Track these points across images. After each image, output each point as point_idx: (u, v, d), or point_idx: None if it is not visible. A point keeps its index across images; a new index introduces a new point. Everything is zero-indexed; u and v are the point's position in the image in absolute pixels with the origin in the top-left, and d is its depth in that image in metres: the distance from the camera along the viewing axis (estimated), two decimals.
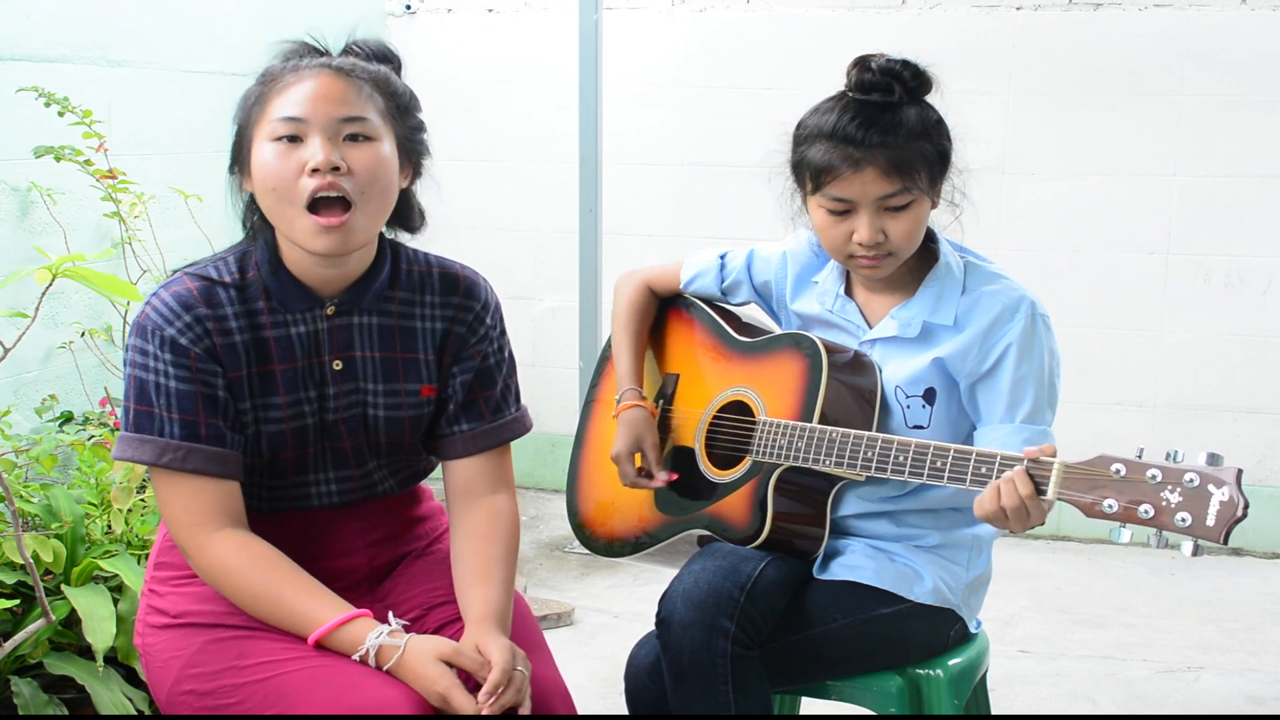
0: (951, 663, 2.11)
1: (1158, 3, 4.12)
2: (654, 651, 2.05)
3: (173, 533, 1.80)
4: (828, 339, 2.12)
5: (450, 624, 1.88)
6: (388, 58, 1.87)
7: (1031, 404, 2.01)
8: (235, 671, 1.74)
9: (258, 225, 1.83)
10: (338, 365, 1.85)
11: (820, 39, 4.34)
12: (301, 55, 1.83)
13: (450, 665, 1.70)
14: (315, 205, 1.73)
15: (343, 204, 1.73)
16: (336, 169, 1.72)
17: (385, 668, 1.70)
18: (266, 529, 1.82)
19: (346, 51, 1.85)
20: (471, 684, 1.71)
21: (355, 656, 1.71)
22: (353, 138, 1.75)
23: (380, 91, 1.79)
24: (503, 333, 1.98)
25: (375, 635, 1.71)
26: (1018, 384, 2.01)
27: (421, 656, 1.69)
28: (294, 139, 1.73)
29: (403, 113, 1.83)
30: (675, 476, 2.21)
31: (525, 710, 1.72)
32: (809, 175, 2.04)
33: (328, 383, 1.84)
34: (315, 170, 1.71)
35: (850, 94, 2.04)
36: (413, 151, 1.86)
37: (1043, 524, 1.85)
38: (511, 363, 2.00)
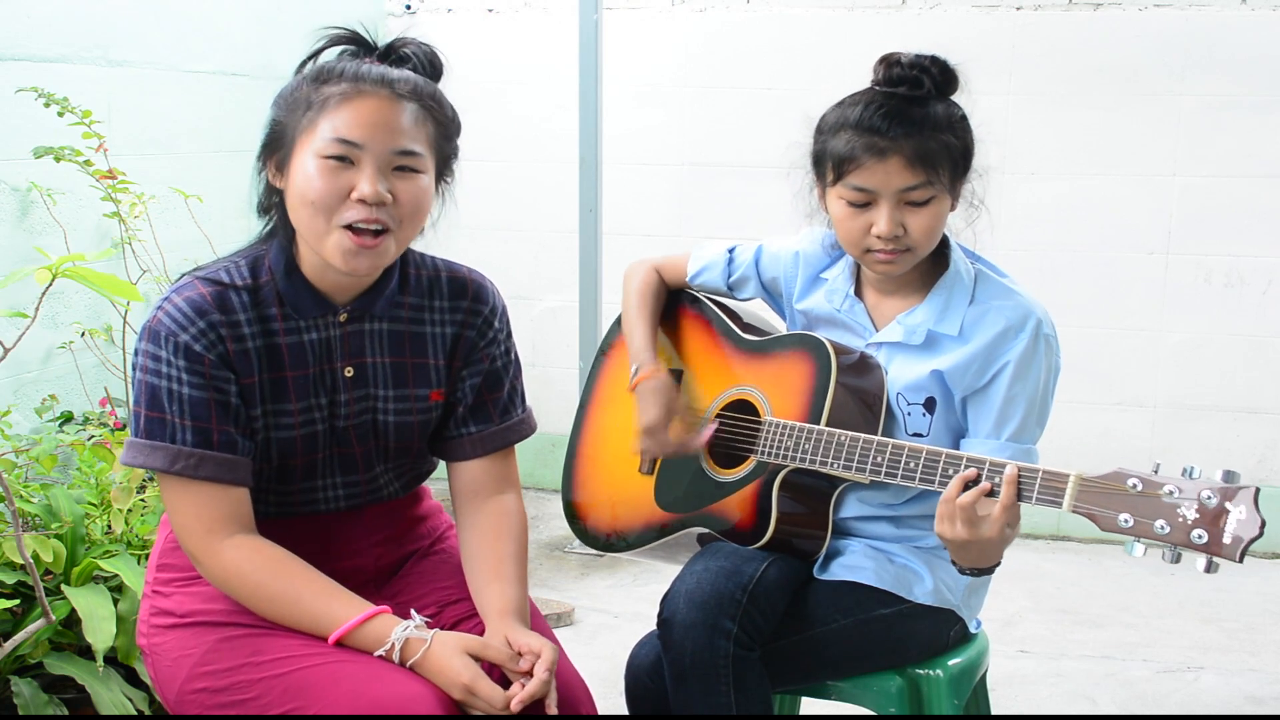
0: (951, 663, 2.11)
1: (1158, 3, 4.12)
2: (654, 651, 2.05)
3: (181, 539, 1.79)
4: (835, 339, 2.11)
5: (465, 620, 1.88)
6: (436, 69, 1.85)
7: (1019, 422, 2.01)
8: (251, 668, 1.74)
9: (276, 225, 1.82)
10: (349, 371, 1.84)
11: (820, 39, 4.34)
12: (351, 47, 1.81)
13: (476, 659, 1.70)
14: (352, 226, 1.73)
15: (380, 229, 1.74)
16: (383, 203, 1.72)
17: (409, 662, 1.70)
18: (273, 532, 1.82)
19: (399, 58, 1.82)
20: (494, 676, 1.71)
21: (379, 652, 1.71)
22: (401, 168, 1.74)
23: (432, 118, 1.78)
24: (509, 335, 1.98)
25: (402, 629, 1.71)
26: (1009, 402, 2.01)
27: (447, 650, 1.70)
28: (343, 159, 1.72)
29: (446, 139, 1.82)
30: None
31: (553, 702, 1.72)
32: (831, 165, 2.02)
33: (339, 389, 1.84)
34: (362, 200, 1.71)
35: (877, 88, 2.03)
36: (445, 175, 1.86)
37: (1010, 532, 1.82)
38: (517, 365, 2.00)
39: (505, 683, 1.73)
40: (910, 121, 1.97)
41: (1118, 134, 4.19)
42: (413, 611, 1.77)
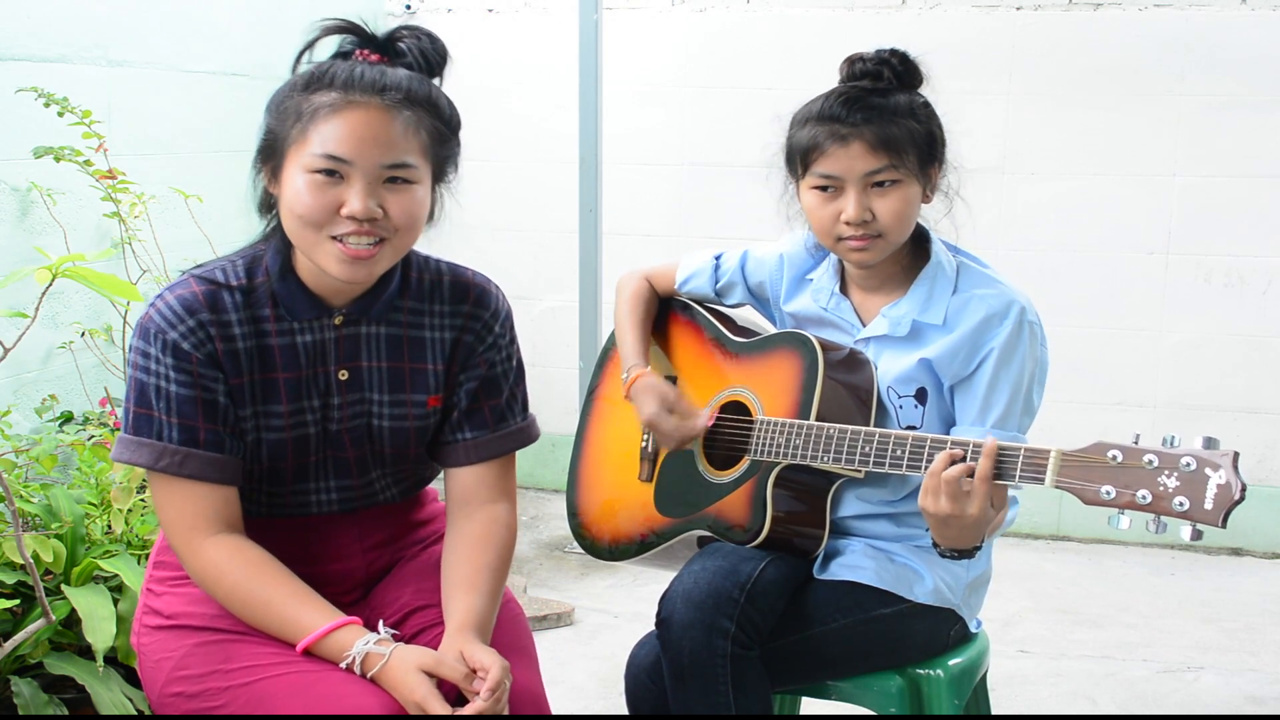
0: (951, 663, 2.11)
1: (1158, 3, 4.12)
2: (654, 651, 2.05)
3: (167, 535, 1.79)
4: (823, 337, 2.12)
5: (428, 629, 1.87)
6: (432, 65, 1.80)
7: (1003, 409, 2.02)
8: (221, 675, 1.74)
9: (276, 226, 1.80)
10: (343, 375, 1.83)
11: (820, 39, 4.34)
12: (350, 37, 1.78)
13: (431, 675, 1.69)
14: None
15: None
16: (374, 218, 1.70)
17: (369, 675, 1.70)
18: (264, 533, 1.82)
19: (395, 53, 1.78)
20: (444, 688, 1.70)
21: (342, 664, 1.71)
22: (393, 180, 1.72)
23: (424, 126, 1.74)
24: (512, 341, 1.95)
25: (363, 643, 1.71)
26: (993, 389, 2.02)
27: (403, 666, 1.69)
28: (332, 173, 1.70)
29: (441, 143, 1.78)
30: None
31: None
32: (799, 158, 2.06)
33: (332, 392, 1.83)
34: (351, 217, 1.69)
35: (841, 84, 2.07)
36: (444, 176, 1.83)
37: (983, 510, 1.81)
38: (520, 371, 1.97)
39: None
40: (870, 108, 2.00)
41: (1118, 134, 4.19)
42: (380, 624, 1.76)
